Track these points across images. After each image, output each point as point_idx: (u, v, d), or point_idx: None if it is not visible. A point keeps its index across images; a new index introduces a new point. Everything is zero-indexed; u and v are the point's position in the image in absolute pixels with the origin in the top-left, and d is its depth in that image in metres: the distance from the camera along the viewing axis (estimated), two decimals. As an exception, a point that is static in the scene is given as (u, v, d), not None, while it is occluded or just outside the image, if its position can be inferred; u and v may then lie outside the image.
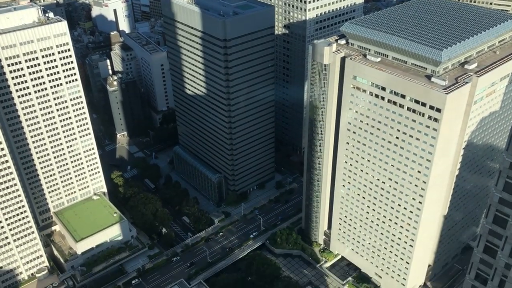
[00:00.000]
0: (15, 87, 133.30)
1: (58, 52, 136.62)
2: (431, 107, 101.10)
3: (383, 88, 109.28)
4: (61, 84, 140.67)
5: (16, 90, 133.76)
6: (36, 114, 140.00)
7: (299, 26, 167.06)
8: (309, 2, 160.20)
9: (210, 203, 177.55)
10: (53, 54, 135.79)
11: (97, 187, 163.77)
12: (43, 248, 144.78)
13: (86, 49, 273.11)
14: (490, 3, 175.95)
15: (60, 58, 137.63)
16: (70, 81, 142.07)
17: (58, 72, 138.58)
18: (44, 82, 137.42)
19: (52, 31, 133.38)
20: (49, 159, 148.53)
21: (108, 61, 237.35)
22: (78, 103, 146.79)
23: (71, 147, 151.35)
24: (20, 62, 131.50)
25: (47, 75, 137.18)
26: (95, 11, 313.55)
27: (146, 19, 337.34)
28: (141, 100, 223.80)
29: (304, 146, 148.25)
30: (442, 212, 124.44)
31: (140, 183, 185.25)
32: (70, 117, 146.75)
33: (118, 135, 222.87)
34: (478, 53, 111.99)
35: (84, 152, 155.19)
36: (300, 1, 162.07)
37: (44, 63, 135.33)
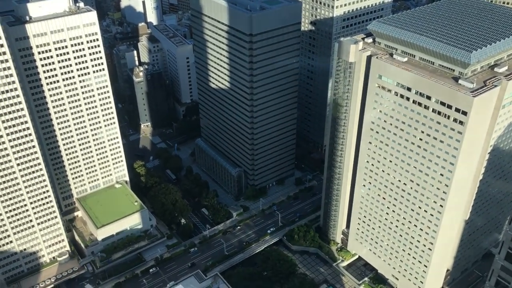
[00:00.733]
0: (44, 74, 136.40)
1: (87, 42, 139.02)
2: (457, 110, 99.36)
3: (409, 89, 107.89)
4: (88, 73, 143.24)
5: (45, 78, 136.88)
6: (63, 102, 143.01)
7: (326, 23, 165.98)
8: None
9: (229, 197, 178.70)
10: (82, 43, 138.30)
11: (120, 176, 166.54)
12: (65, 233, 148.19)
13: (114, 40, 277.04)
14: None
15: (89, 48, 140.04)
16: (97, 71, 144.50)
17: (86, 61, 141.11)
18: (72, 71, 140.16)
19: (82, 20, 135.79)
20: (74, 146, 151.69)
21: (135, 52, 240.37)
22: (104, 92, 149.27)
23: (96, 135, 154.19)
24: (50, 50, 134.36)
25: (75, 63, 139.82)
26: (124, 2, 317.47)
27: (173, 11, 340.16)
28: (165, 92, 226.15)
29: (326, 143, 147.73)
30: (464, 217, 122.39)
31: (162, 174, 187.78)
32: (96, 106, 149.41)
33: (142, 126, 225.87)
34: (509, 56, 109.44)
35: (109, 140, 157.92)
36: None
37: (73, 51, 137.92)
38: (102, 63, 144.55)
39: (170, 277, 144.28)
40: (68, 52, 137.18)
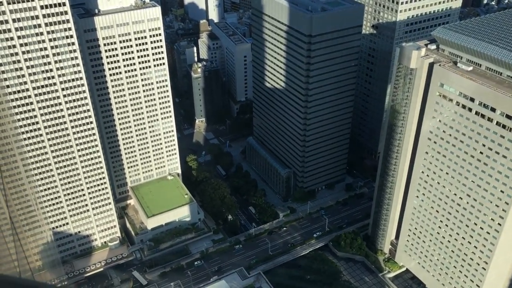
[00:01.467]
0: (108, 65, 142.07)
1: (150, 36, 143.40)
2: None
3: (472, 99, 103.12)
4: (149, 66, 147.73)
5: (109, 69, 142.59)
6: (124, 93, 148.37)
7: (388, 27, 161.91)
8: (402, 3, 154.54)
9: (277, 197, 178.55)
10: (145, 37, 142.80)
11: (172, 168, 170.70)
12: (117, 219, 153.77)
13: (176, 35, 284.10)
14: None
15: (151, 42, 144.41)
16: (158, 65, 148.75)
17: (147, 55, 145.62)
18: (134, 63, 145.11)
19: (147, 15, 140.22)
20: (132, 137, 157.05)
21: (195, 48, 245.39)
22: (163, 86, 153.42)
23: (153, 128, 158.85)
24: (114, 43, 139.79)
25: (138, 56, 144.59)
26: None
27: (235, 9, 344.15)
28: (221, 89, 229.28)
29: (380, 150, 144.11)
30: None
31: (212, 169, 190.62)
32: (154, 99, 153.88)
33: (196, 121, 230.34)
34: None
35: (164, 133, 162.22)
36: (392, 1, 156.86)
37: (136, 45, 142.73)
38: (163, 58, 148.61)
39: (213, 272, 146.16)
40: (131, 45, 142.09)
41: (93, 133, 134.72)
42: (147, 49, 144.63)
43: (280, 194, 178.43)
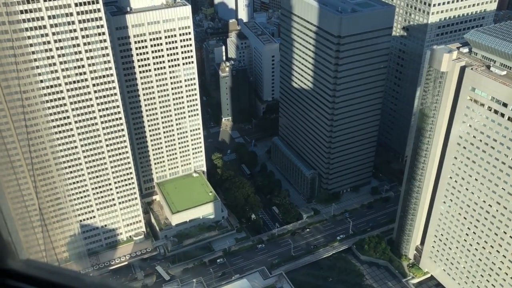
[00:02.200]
0: (138, 63, 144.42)
1: (180, 35, 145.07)
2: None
3: (505, 104, 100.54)
4: (178, 65, 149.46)
5: (138, 66, 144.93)
6: (153, 90, 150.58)
7: (419, 29, 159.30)
8: (434, 5, 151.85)
9: (300, 198, 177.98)
10: (175, 35, 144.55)
11: (198, 165, 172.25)
12: (142, 214, 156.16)
13: (205, 34, 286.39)
14: None
15: (181, 40, 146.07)
16: (186, 63, 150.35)
17: (177, 53, 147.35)
18: (163, 61, 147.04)
19: (177, 14, 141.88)
20: (159, 134, 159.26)
21: (223, 47, 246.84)
22: (191, 84, 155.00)
23: (180, 125, 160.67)
24: (145, 41, 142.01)
25: (167, 55, 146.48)
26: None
27: (264, 9, 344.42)
28: (248, 88, 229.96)
29: (408, 154, 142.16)
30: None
31: (237, 168, 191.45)
32: (182, 97, 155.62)
33: (223, 119, 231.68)
34: None
35: (191, 131, 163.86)
36: (424, 3, 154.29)
37: (166, 43, 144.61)
38: (191, 56, 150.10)
39: (235, 270, 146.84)
40: (161, 43, 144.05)
41: (122, 129, 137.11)
42: (176, 47, 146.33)
43: (304, 195, 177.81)
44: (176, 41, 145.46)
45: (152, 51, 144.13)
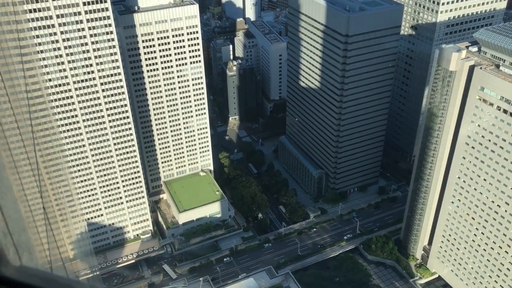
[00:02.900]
0: (146, 62, 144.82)
1: (187, 33, 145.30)
2: None
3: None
4: (185, 63, 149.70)
5: (146, 65, 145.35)
6: (160, 89, 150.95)
7: (428, 28, 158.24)
8: (443, 4, 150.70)
9: (307, 197, 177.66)
10: (182, 34, 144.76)
11: (205, 164, 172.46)
12: (149, 213, 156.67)
13: (212, 33, 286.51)
14: None
15: (188, 39, 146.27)
16: (194, 62, 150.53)
17: (184, 52, 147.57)
18: (171, 60, 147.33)
19: (184, 13, 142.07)
20: (166, 133, 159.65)
21: (231, 46, 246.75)
22: (199, 83, 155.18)
23: (187, 124, 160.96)
24: (152, 39, 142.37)
25: (175, 53, 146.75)
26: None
27: (272, 8, 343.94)
28: (256, 87, 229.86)
29: (415, 154, 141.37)
30: None
31: (244, 167, 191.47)
32: (189, 96, 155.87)
33: (230, 118, 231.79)
34: None
35: (198, 130, 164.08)
36: (433, 2, 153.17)
37: (173, 42, 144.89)
38: (199, 55, 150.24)
39: (242, 269, 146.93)
40: (169, 42, 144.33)
41: (129, 128, 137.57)
42: (184, 46, 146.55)
43: (311, 194, 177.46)
44: (183, 40, 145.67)
45: (160, 50, 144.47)
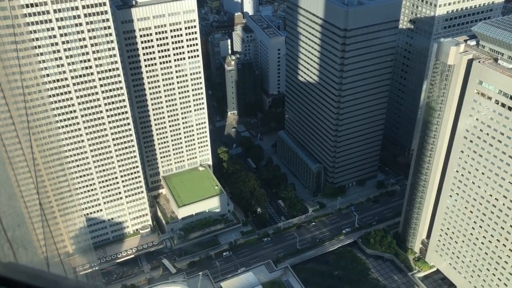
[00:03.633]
0: (144, 57, 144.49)
1: (185, 28, 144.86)
2: None
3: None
4: (183, 58, 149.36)
5: (144, 60, 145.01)
6: (158, 84, 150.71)
7: (426, 22, 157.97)
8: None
9: (306, 192, 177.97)
10: (180, 29, 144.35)
11: (204, 159, 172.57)
12: (149, 208, 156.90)
13: (210, 28, 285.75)
14: None
15: (186, 34, 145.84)
16: (192, 57, 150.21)
17: (182, 46, 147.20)
18: (169, 55, 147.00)
19: (182, 7, 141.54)
20: (165, 127, 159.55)
21: (229, 40, 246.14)
22: (197, 78, 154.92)
23: (185, 119, 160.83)
24: (150, 34, 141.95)
25: (173, 48, 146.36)
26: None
27: (270, 2, 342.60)
28: (254, 82, 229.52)
29: (414, 148, 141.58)
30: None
31: (243, 162, 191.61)
32: (188, 91, 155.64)
33: (228, 113, 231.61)
34: None
35: (196, 125, 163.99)
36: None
37: (171, 36, 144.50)
38: (197, 50, 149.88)
39: (241, 263, 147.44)
40: (167, 37, 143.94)
41: (128, 123, 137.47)
42: (182, 40, 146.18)
43: (309, 189, 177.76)
44: (181, 35, 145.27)
45: (158, 45, 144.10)
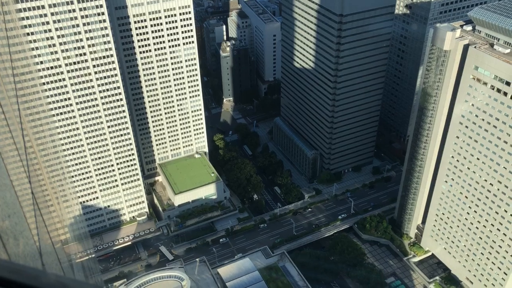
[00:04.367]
0: (139, 43, 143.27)
1: (180, 14, 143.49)
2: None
3: (508, 83, 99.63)
4: (178, 45, 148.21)
5: (139, 46, 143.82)
6: (153, 71, 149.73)
7: (422, 7, 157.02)
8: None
9: (302, 178, 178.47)
10: (175, 15, 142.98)
11: (200, 147, 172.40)
12: (145, 195, 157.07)
13: (205, 13, 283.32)
14: None
15: (181, 20, 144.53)
16: (187, 43, 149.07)
17: (177, 33, 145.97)
18: (163, 42, 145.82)
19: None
20: (160, 115, 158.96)
21: (224, 26, 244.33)
22: (192, 64, 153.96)
23: (181, 106, 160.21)
24: (145, 20, 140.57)
25: (167, 35, 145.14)
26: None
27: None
28: (250, 69, 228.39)
29: (409, 134, 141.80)
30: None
31: (239, 149, 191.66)
32: (183, 77, 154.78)
33: (224, 100, 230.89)
34: None
35: (192, 112, 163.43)
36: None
37: (166, 23, 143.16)
38: (192, 36, 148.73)
39: (238, 249, 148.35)
40: (161, 23, 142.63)
41: (123, 110, 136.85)
42: (176, 27, 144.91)
43: (305, 175, 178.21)
44: (176, 21, 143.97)
45: (152, 31, 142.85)
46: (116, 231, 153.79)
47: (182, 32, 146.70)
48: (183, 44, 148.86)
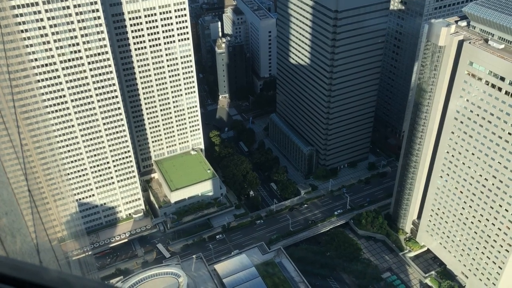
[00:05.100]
0: (133, 40, 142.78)
1: (175, 10, 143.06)
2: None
3: (502, 78, 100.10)
4: (173, 41, 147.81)
5: (134, 43, 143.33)
6: (148, 68, 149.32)
7: (417, 2, 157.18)
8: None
9: (298, 174, 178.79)
10: (170, 12, 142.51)
11: (196, 143, 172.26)
12: (141, 192, 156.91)
13: (201, 10, 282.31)
14: None
15: (176, 17, 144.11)
16: (182, 39, 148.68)
17: (172, 29, 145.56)
18: (158, 38, 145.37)
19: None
20: (156, 111, 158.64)
21: (219, 23, 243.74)
22: (187, 61, 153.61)
23: (176, 103, 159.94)
24: (140, 17, 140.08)
25: (162, 31, 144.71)
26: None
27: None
28: (245, 65, 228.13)
29: (405, 129, 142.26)
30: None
31: (235, 145, 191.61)
32: (178, 74, 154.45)
33: (220, 97, 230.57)
34: None
35: (188, 108, 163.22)
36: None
37: (161, 19, 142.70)
38: (187, 33, 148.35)
39: (234, 246, 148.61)
40: (156, 20, 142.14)
41: (118, 107, 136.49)
42: (171, 23, 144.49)
43: (301, 171, 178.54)
44: (171, 17, 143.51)
45: (147, 28, 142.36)
46: (112, 228, 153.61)
47: (177, 29, 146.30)
48: (178, 41, 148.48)
